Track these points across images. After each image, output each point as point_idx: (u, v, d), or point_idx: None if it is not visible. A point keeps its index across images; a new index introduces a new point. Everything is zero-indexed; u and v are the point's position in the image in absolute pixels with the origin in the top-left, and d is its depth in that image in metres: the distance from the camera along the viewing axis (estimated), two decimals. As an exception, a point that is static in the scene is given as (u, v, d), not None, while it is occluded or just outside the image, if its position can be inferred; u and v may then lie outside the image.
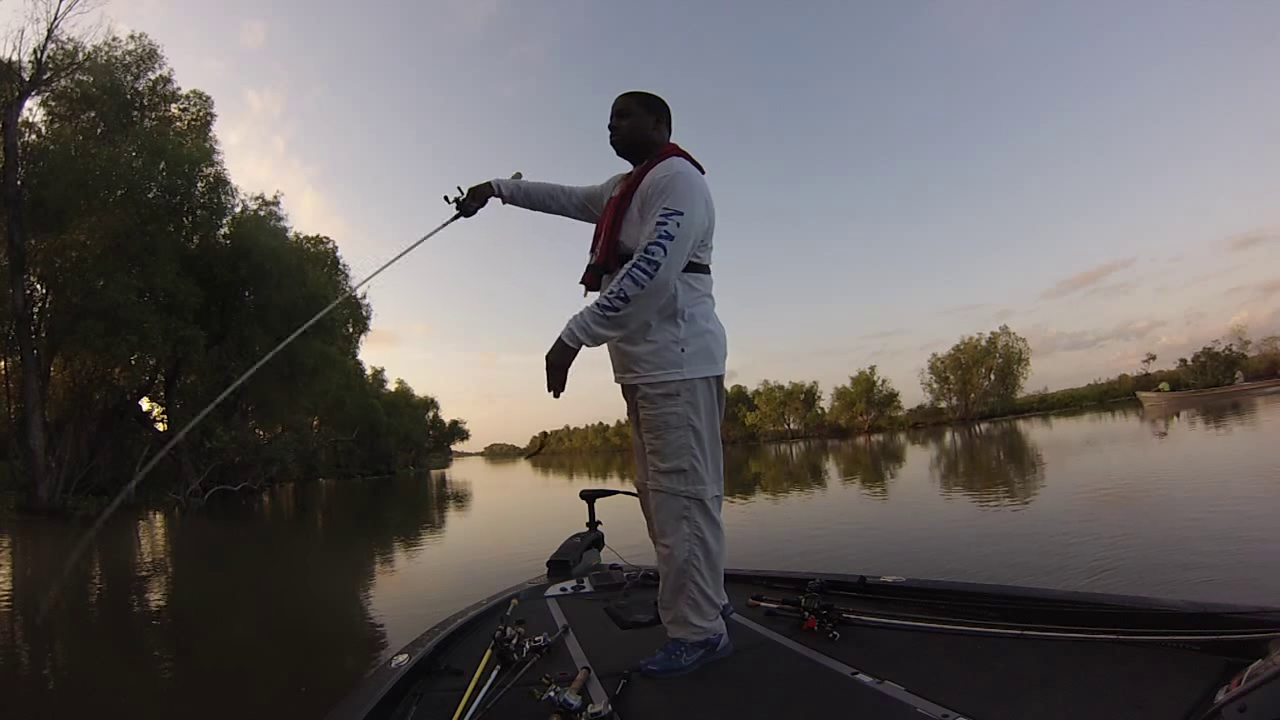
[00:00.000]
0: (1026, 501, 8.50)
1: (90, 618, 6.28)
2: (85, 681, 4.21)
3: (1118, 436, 18.76)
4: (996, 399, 62.10)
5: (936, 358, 66.96)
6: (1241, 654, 1.26)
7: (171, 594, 7.42)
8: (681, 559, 1.82)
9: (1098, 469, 11.32)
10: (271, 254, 22.32)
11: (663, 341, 1.86)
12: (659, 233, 1.75)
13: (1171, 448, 14.00)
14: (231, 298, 23.19)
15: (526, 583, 3.06)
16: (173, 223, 20.90)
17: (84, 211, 17.99)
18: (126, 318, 17.52)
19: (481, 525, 14.13)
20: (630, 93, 2.05)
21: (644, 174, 1.93)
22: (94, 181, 17.83)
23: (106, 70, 20.90)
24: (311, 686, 3.84)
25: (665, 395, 1.85)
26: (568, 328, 1.78)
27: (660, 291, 1.76)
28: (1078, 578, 4.58)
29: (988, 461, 16.29)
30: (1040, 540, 6.01)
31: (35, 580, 8.65)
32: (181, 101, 23.89)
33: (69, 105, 20.75)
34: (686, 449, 1.84)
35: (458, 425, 77.76)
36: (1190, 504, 6.95)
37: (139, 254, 18.71)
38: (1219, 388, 38.30)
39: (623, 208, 1.95)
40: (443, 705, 1.58)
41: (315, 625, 5.48)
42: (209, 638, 5.25)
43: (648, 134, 2.04)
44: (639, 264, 1.73)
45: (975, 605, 1.90)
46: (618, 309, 1.73)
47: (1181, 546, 5.14)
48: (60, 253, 18.67)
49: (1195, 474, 9.51)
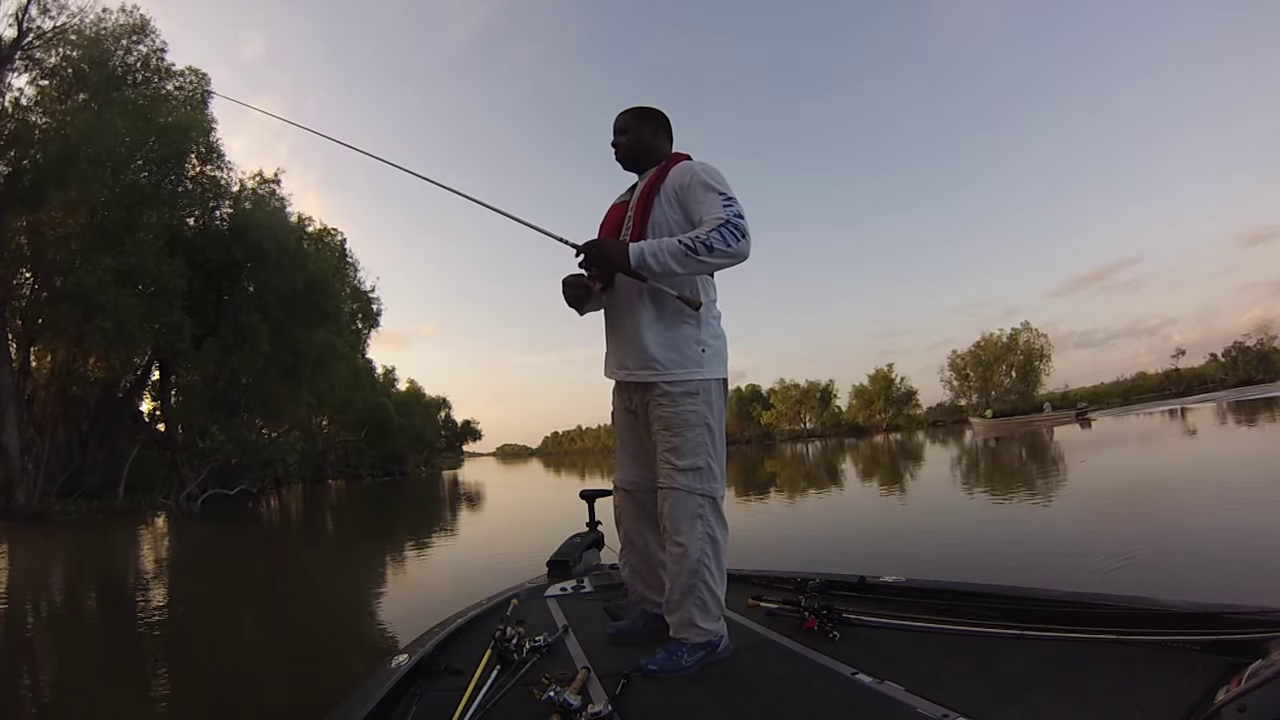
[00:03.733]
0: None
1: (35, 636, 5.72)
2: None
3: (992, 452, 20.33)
4: (1017, 396, 61.73)
5: (957, 354, 67.11)
6: (1241, 654, 1.26)
7: (122, 612, 6.61)
8: (695, 558, 1.83)
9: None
10: (270, 233, 20.35)
11: (685, 341, 1.90)
12: (734, 209, 1.81)
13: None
14: (228, 283, 21.19)
15: (526, 583, 3.06)
16: (161, 199, 19.02)
17: (64, 185, 16.10)
18: (100, 302, 15.60)
19: (492, 525, 13.75)
20: (627, 109, 2.12)
21: (664, 173, 1.98)
22: (70, 151, 16.06)
23: (95, 42, 19.39)
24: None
25: (686, 394, 1.87)
26: (639, 248, 1.81)
27: (739, 258, 1.82)
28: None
29: (1009, 460, 16.36)
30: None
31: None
32: (177, 79, 22.67)
33: (60, 85, 19.58)
34: (703, 447, 1.87)
35: (470, 425, 76.71)
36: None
37: (116, 230, 16.78)
38: (1026, 415, 42.81)
39: (651, 201, 1.95)
40: (443, 705, 1.56)
41: (295, 655, 4.91)
42: (173, 664, 4.66)
43: (648, 144, 2.09)
44: (729, 226, 1.78)
45: (975, 605, 1.90)
46: (700, 255, 1.77)
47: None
48: (38, 231, 16.81)
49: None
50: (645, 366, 1.91)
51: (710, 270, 1.91)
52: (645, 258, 1.80)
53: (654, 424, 1.91)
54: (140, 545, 12.64)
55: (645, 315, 1.92)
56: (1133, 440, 18.12)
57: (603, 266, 1.89)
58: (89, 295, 15.46)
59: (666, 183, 1.95)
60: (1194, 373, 64.29)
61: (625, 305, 1.96)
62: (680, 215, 1.91)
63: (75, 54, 19.11)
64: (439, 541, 10.91)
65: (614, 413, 2.12)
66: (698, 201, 1.86)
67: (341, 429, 39.02)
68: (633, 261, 1.81)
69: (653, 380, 1.90)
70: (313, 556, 10.77)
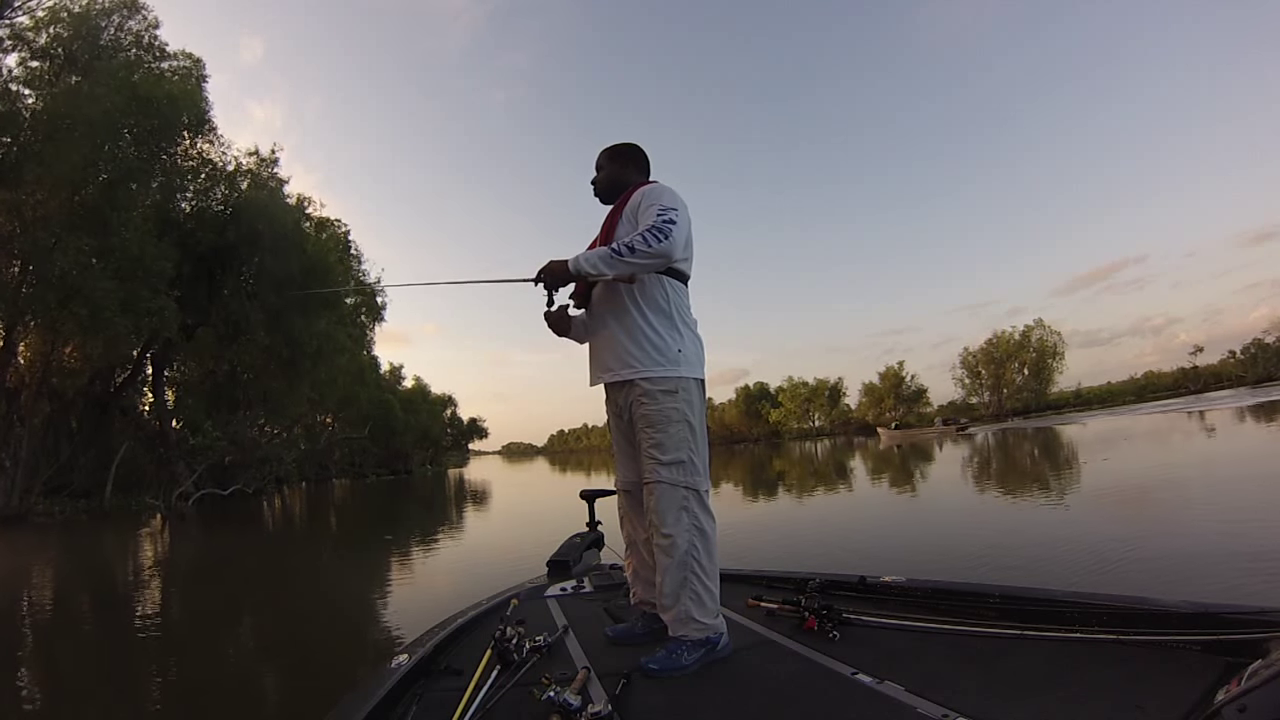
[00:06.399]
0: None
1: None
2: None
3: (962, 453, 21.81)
4: (1030, 394, 61.10)
5: (968, 352, 66.59)
6: (1241, 654, 1.26)
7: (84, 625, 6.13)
8: (683, 549, 1.89)
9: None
10: (263, 211, 18.90)
11: (663, 342, 2.01)
12: (665, 217, 1.97)
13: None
14: (220, 269, 19.81)
15: (526, 583, 3.04)
16: (148, 174, 17.72)
17: (42, 160, 14.82)
18: (77, 286, 14.32)
19: (497, 525, 13.48)
20: (603, 150, 2.30)
21: (629, 196, 2.15)
22: (48, 123, 14.93)
23: (84, 18, 18.06)
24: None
25: (666, 391, 1.97)
26: (575, 258, 1.99)
27: (663, 258, 1.95)
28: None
29: (1021, 459, 16.62)
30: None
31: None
32: (170, 61, 21.73)
33: (51, 66, 18.58)
34: (685, 442, 1.95)
35: (476, 423, 75.70)
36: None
37: (99, 209, 15.47)
38: (923, 428, 45.63)
39: (615, 222, 2.14)
40: (443, 705, 1.56)
41: (284, 668, 4.57)
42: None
43: (619, 179, 2.25)
44: (653, 229, 1.93)
45: (975, 605, 1.90)
46: (624, 256, 1.92)
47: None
48: (17, 212, 15.44)
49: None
50: (625, 366, 2.03)
51: (638, 270, 1.98)
52: (580, 263, 1.97)
53: (638, 422, 2.01)
54: (117, 549, 11.67)
55: (623, 324, 2.05)
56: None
57: (553, 281, 2.07)
58: (65, 277, 14.20)
59: (627, 206, 2.12)
60: (1210, 370, 63.63)
61: (604, 318, 2.11)
62: (635, 230, 2.02)
63: (65, 33, 18.10)
64: (444, 542, 10.26)
65: (608, 419, 2.21)
66: (643, 215, 2.03)
67: (346, 426, 38.02)
68: (570, 268, 1.98)
69: (633, 378, 2.01)
70: (300, 561, 9.88)
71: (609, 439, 2.37)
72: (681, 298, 2.09)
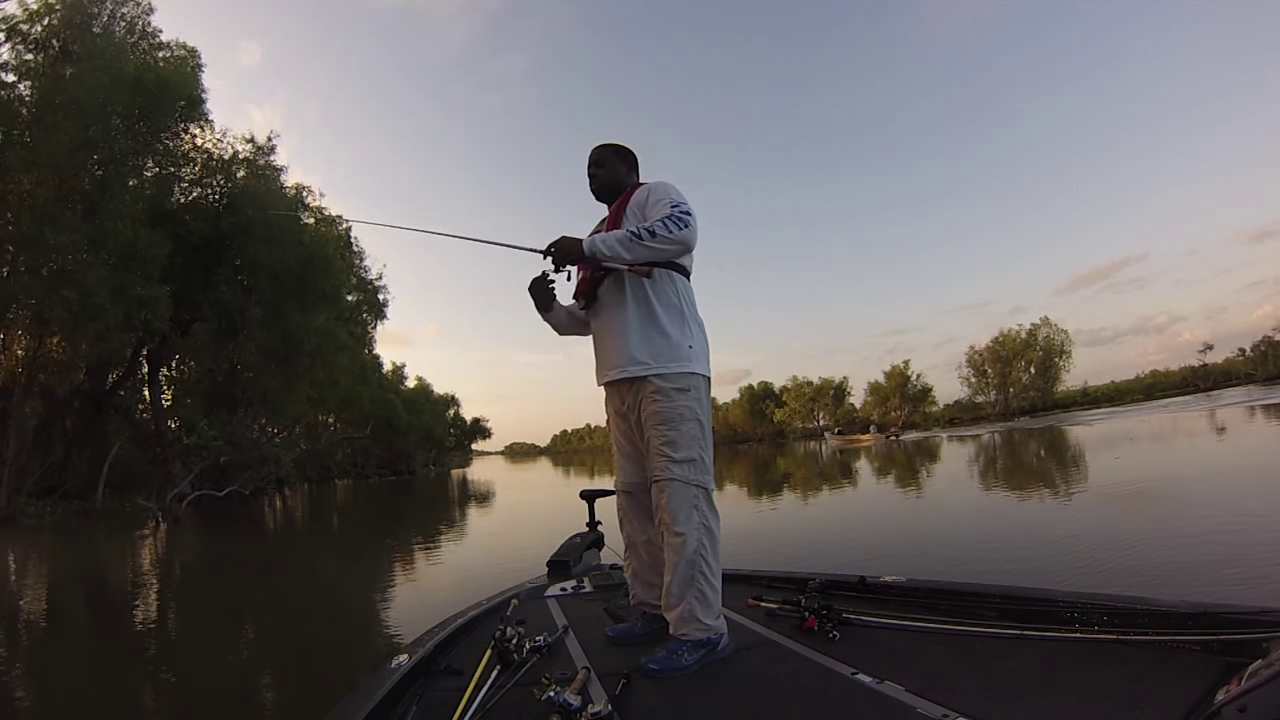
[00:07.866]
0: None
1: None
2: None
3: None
4: (1037, 393, 60.69)
5: (974, 350, 65.85)
6: (1241, 654, 1.25)
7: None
8: (693, 548, 1.87)
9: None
10: (256, 197, 18.19)
11: (674, 338, 1.98)
12: (681, 208, 1.96)
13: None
14: (214, 260, 19.05)
15: (526, 583, 3.04)
16: (139, 155, 17.19)
17: (27, 144, 14.34)
18: (67, 269, 13.73)
19: (499, 525, 13.35)
20: (604, 145, 2.27)
21: (632, 193, 2.14)
22: (35, 106, 14.42)
23: (78, 5, 17.49)
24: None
25: (679, 389, 1.95)
26: (590, 239, 1.97)
27: (682, 245, 1.97)
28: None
29: (1028, 459, 16.44)
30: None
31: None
32: (165, 51, 21.11)
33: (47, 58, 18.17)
34: (696, 440, 1.93)
35: (479, 423, 75.20)
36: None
37: (89, 194, 14.90)
38: (858, 435, 46.81)
39: (619, 217, 2.10)
40: (443, 705, 1.56)
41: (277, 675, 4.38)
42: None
43: (621, 179, 2.24)
44: (673, 216, 1.93)
45: (975, 605, 1.89)
46: (644, 239, 1.91)
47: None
48: (3, 200, 14.80)
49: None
50: (636, 362, 1.98)
51: (658, 256, 1.96)
52: (597, 244, 1.93)
53: (647, 420, 1.97)
54: (106, 552, 11.29)
55: (631, 321, 2.00)
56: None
57: (562, 258, 2.00)
58: (55, 254, 13.61)
59: (632, 201, 2.11)
60: (1219, 368, 63.14)
61: (611, 315, 2.06)
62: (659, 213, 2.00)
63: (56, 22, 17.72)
64: (445, 543, 10.05)
65: (608, 419, 2.17)
66: (652, 209, 2.02)
67: (347, 426, 37.54)
68: (585, 249, 1.95)
69: (645, 374, 1.97)
70: (298, 562, 9.52)
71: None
72: (690, 294, 2.08)
